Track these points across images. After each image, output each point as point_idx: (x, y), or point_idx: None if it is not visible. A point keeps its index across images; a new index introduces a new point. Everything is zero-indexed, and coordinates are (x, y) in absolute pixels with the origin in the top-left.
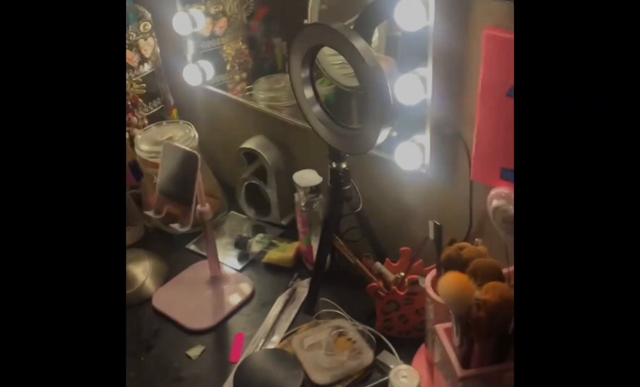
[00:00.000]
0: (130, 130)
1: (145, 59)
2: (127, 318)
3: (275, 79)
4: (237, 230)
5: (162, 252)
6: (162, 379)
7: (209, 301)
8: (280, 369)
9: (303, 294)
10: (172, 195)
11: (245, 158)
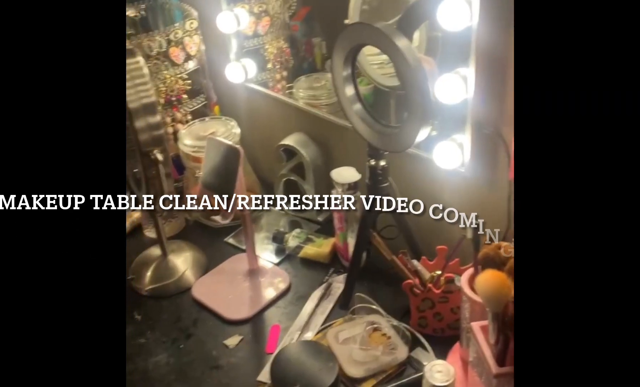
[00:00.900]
0: (174, 126)
1: (190, 56)
2: (167, 306)
3: (315, 78)
4: (274, 225)
5: (202, 244)
6: (200, 366)
7: (247, 292)
8: (315, 361)
9: (338, 289)
10: (215, 188)
11: (284, 154)
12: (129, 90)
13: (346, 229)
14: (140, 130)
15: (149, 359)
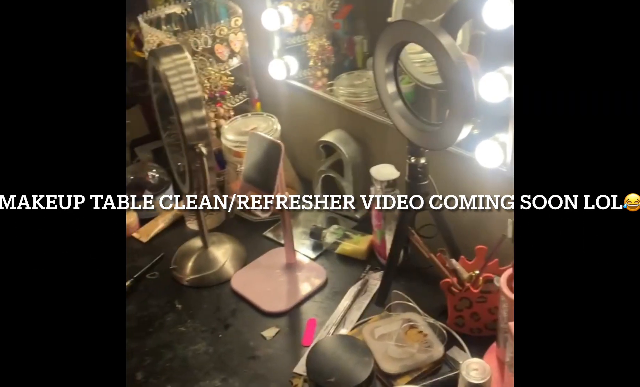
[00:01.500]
0: (217, 121)
1: (235, 53)
2: (207, 297)
3: (356, 75)
4: (312, 221)
5: (241, 237)
6: (238, 355)
7: (284, 286)
8: (351, 355)
9: (375, 286)
10: (256, 182)
11: (323, 151)
12: (176, 85)
13: (384, 226)
14: (186, 124)
15: (188, 346)
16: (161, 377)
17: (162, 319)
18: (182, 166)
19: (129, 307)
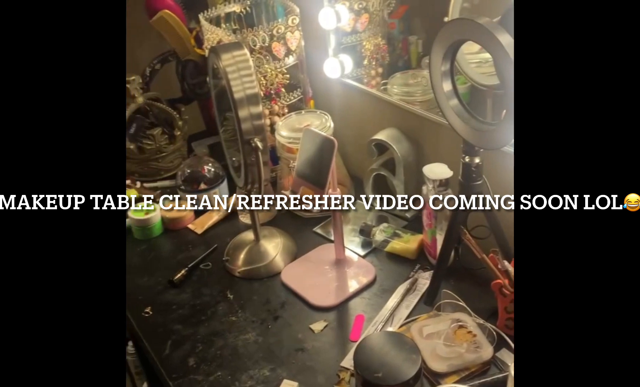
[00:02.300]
0: (271, 118)
1: (291, 51)
2: (258, 288)
3: (411, 74)
4: (362, 218)
5: (291, 232)
6: (287, 347)
7: (333, 281)
8: (399, 352)
9: (424, 285)
10: (308, 177)
11: (375, 149)
12: (235, 81)
13: (435, 225)
14: (243, 120)
15: (239, 336)
16: (212, 364)
17: (215, 308)
18: (236, 161)
19: (184, 295)
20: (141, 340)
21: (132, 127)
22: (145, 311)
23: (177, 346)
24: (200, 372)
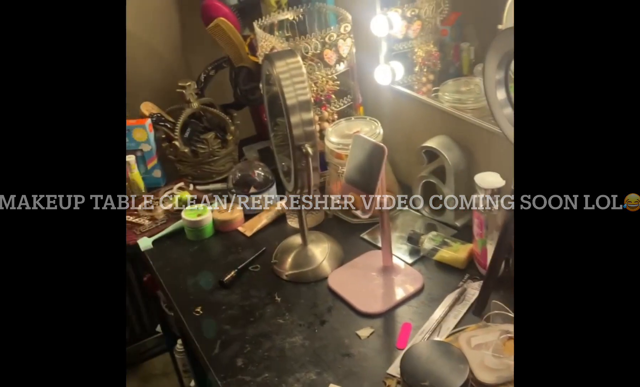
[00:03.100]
0: (320, 124)
1: (342, 58)
2: (305, 292)
3: (463, 82)
4: (410, 226)
5: (339, 237)
6: (333, 351)
7: (380, 288)
8: (446, 362)
9: (473, 295)
10: (357, 184)
11: (425, 156)
12: (288, 88)
13: (486, 235)
14: (294, 125)
15: (286, 338)
16: (260, 365)
17: (263, 310)
18: (286, 166)
19: (233, 296)
20: (191, 339)
21: (187, 131)
22: (196, 311)
23: (226, 346)
24: (248, 373)
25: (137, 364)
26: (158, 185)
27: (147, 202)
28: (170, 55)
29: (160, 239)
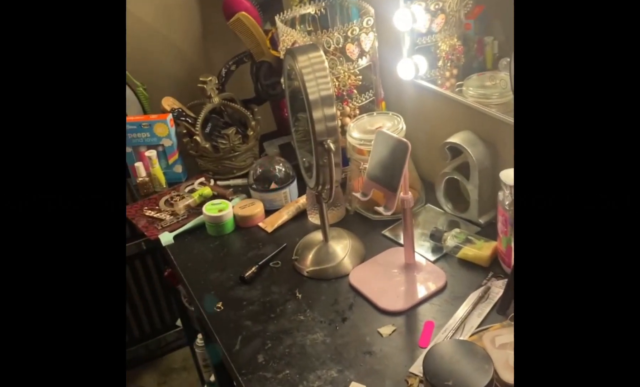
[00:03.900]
0: (342, 119)
1: (364, 52)
2: (326, 289)
3: (488, 76)
4: (432, 223)
5: (360, 234)
6: (354, 349)
7: (402, 285)
8: (470, 361)
9: (497, 294)
10: (380, 180)
11: (449, 152)
12: (310, 83)
13: (510, 233)
14: (317, 121)
15: (307, 335)
16: (280, 362)
17: (284, 306)
18: (307, 161)
19: (254, 292)
20: (212, 334)
21: (208, 127)
22: (217, 306)
23: (247, 342)
24: (269, 370)
25: (157, 358)
26: (179, 181)
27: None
28: (191, 50)
29: (181, 234)
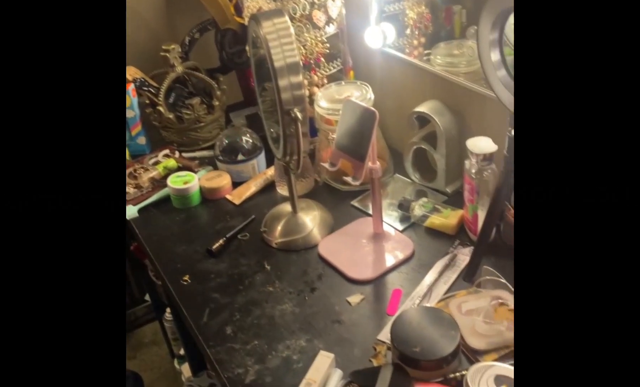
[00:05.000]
0: (310, 89)
1: (332, 19)
2: (295, 260)
3: (455, 45)
4: (401, 193)
5: (329, 205)
6: (323, 318)
7: (370, 255)
8: (437, 328)
9: (463, 261)
10: (348, 150)
11: (416, 122)
12: (276, 49)
13: (477, 201)
14: (283, 89)
15: (276, 306)
16: (249, 333)
17: (252, 278)
18: (275, 132)
19: (222, 264)
20: (180, 307)
21: (172, 97)
22: (184, 279)
23: (214, 315)
24: (237, 341)
25: (127, 333)
26: (143, 153)
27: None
28: (153, 17)
29: (146, 207)
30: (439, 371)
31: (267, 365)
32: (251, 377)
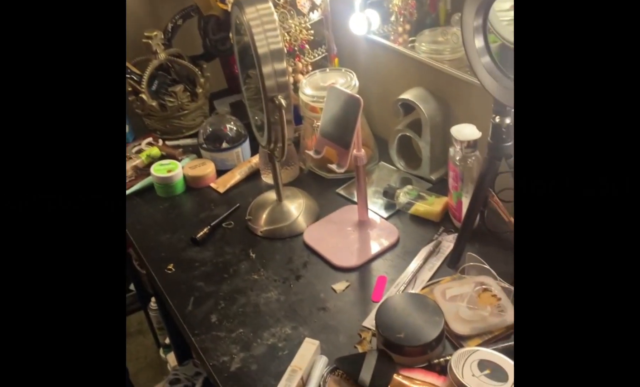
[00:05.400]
0: (294, 76)
1: (316, 5)
2: (280, 248)
3: (440, 32)
4: (385, 180)
5: (314, 193)
6: (309, 306)
7: (355, 242)
8: (421, 314)
9: (448, 248)
10: (333, 137)
11: (401, 109)
12: (259, 36)
13: (461, 188)
14: (267, 76)
15: (261, 294)
16: (234, 321)
17: (237, 266)
18: (259, 120)
19: (207, 253)
20: (164, 296)
21: (154, 84)
22: (168, 268)
23: (199, 303)
24: (222, 329)
25: None
26: (126, 141)
27: None
28: (135, 3)
29: (129, 196)
30: (423, 356)
31: (252, 353)
32: (237, 365)
